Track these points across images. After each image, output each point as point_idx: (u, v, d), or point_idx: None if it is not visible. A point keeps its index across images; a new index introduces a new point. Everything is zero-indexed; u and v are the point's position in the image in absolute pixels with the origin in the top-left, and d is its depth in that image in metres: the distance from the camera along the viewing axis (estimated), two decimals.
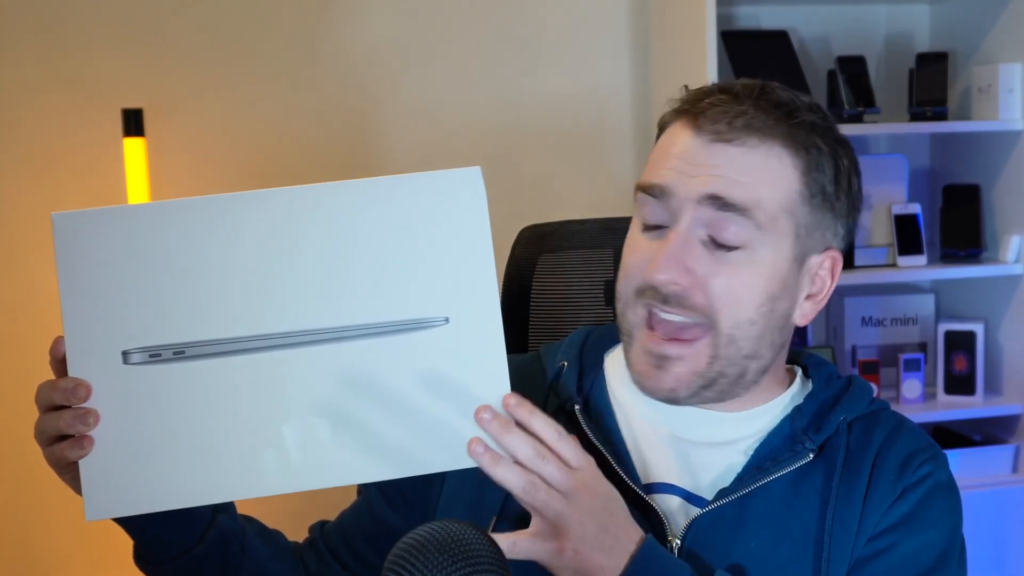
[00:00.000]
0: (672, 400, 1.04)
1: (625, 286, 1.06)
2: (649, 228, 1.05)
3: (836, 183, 1.05)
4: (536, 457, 0.91)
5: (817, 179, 1.03)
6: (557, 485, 0.91)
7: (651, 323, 1.03)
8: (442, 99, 2.50)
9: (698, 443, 1.07)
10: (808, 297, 1.07)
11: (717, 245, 1.01)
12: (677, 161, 1.03)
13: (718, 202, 1.00)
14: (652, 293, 1.02)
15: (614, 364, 1.14)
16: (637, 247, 1.05)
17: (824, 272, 1.07)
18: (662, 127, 1.09)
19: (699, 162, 1.02)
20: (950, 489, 1.07)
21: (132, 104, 2.31)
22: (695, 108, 1.04)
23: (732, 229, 1.00)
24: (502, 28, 2.52)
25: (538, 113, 2.54)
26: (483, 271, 0.96)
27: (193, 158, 2.41)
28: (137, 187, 2.25)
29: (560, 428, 0.93)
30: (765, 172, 1.01)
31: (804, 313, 1.07)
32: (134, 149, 2.26)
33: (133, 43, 2.38)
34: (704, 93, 1.05)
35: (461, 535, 0.84)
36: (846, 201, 1.06)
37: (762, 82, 1.06)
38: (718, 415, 1.07)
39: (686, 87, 1.09)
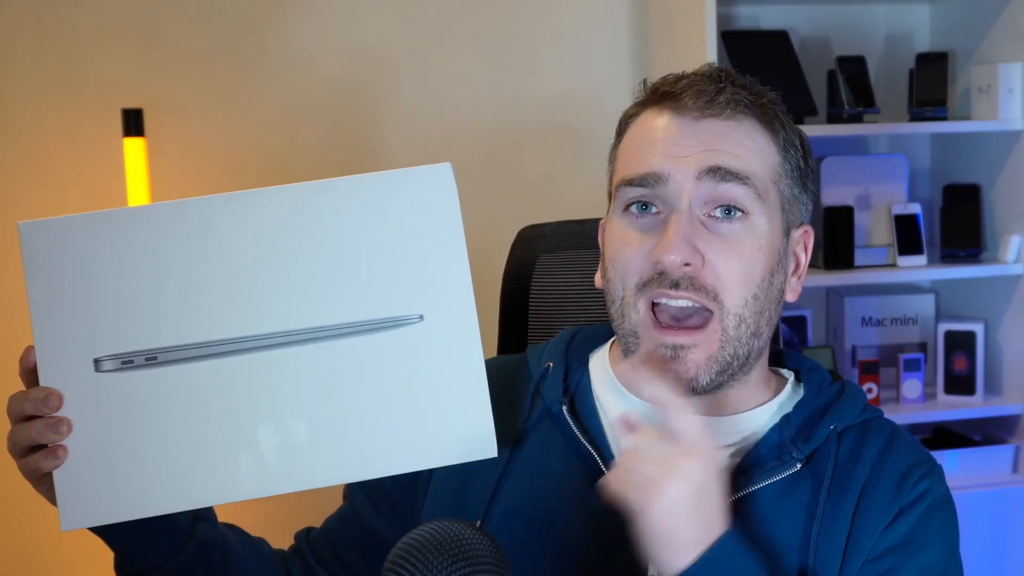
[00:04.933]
0: (692, 391, 1.02)
1: (622, 283, 1.03)
2: (638, 219, 1.03)
3: (805, 161, 1.08)
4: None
5: (792, 155, 1.06)
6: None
7: (657, 318, 1.02)
8: (442, 99, 2.50)
9: None
10: (792, 272, 1.08)
11: (718, 221, 1.01)
12: (664, 145, 1.02)
13: (719, 173, 1.00)
14: (658, 281, 1.00)
15: (598, 365, 1.13)
16: (628, 241, 1.03)
17: (800, 247, 1.09)
18: (627, 121, 1.08)
19: (688, 141, 1.01)
20: (947, 504, 1.05)
21: (132, 104, 2.31)
22: (673, 89, 1.04)
23: (735, 195, 1.01)
24: (502, 28, 2.52)
25: (538, 113, 2.54)
26: (456, 267, 0.95)
27: (193, 158, 2.41)
28: (137, 187, 2.25)
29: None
30: (752, 144, 1.03)
31: (792, 288, 1.08)
32: (134, 149, 2.26)
33: (133, 43, 2.38)
34: (675, 78, 1.06)
35: (461, 535, 0.84)
36: (812, 178, 1.09)
37: (721, 66, 1.08)
38: (704, 419, 1.06)
39: (645, 81, 1.09)
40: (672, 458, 0.90)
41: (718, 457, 0.93)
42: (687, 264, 0.99)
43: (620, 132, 1.09)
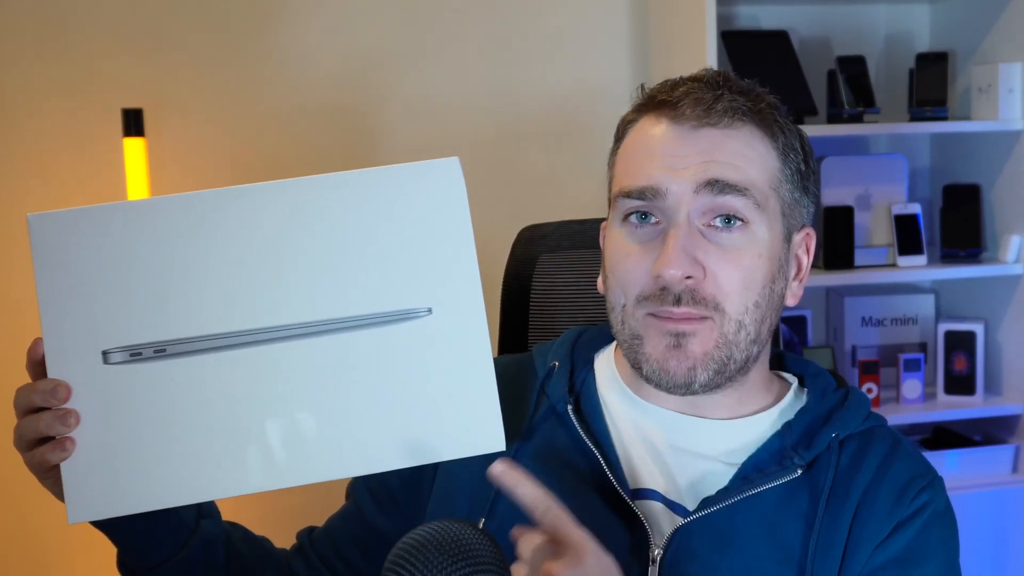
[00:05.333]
0: (689, 384, 1.01)
1: (622, 294, 1.03)
2: (637, 229, 1.03)
3: (806, 163, 1.07)
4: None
5: (793, 159, 1.05)
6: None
7: (657, 316, 1.01)
8: (442, 99, 2.50)
9: (683, 451, 1.05)
10: (794, 276, 1.08)
11: (717, 231, 1.00)
12: (662, 156, 1.01)
13: (717, 186, 0.99)
14: (659, 297, 1.00)
15: (603, 365, 1.13)
16: (629, 252, 1.03)
17: (802, 250, 1.08)
18: (625, 127, 1.08)
19: (685, 152, 1.01)
20: (947, 517, 1.04)
21: (132, 104, 2.31)
22: (671, 97, 1.03)
23: (735, 206, 1.00)
24: (502, 28, 2.52)
25: (538, 113, 2.54)
26: (464, 260, 0.95)
27: (193, 158, 2.41)
28: (137, 187, 2.25)
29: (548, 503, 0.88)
30: (751, 152, 1.02)
31: (793, 292, 1.08)
32: (134, 149, 2.26)
33: (133, 43, 2.38)
34: (673, 85, 1.05)
35: (461, 535, 0.84)
36: (813, 179, 1.08)
37: (720, 70, 1.07)
38: (705, 423, 1.05)
39: (643, 86, 1.08)
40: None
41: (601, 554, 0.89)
42: (688, 277, 0.99)
43: (618, 138, 1.09)
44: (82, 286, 0.94)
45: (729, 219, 1.01)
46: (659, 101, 1.04)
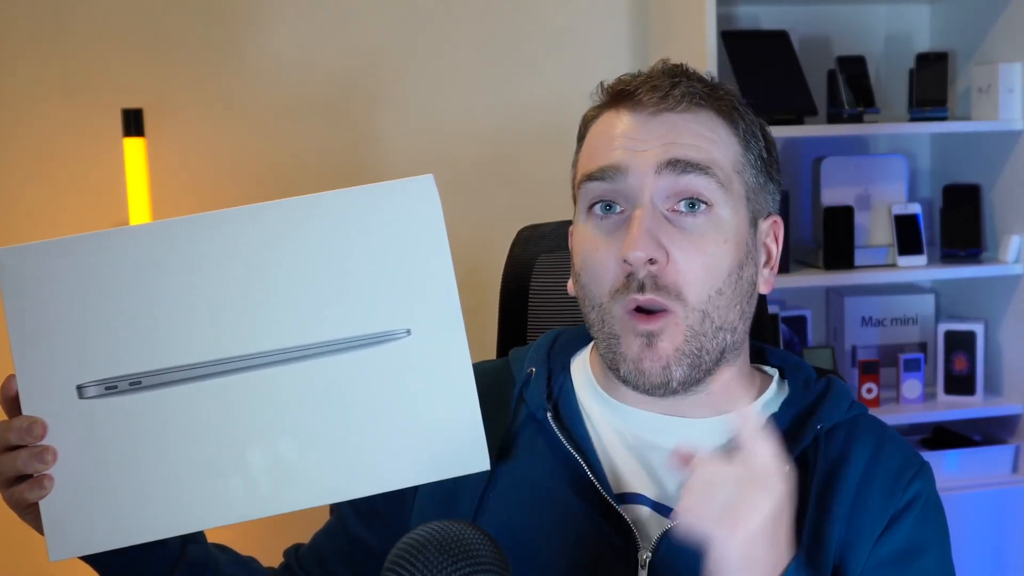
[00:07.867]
0: (666, 383, 1.00)
1: (595, 290, 1.02)
2: (603, 220, 1.02)
3: (768, 152, 1.07)
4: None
5: (755, 145, 1.05)
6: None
7: (633, 311, 1.00)
8: (442, 100, 2.50)
9: (666, 450, 1.02)
10: (764, 264, 1.07)
11: (682, 216, 1.00)
12: (623, 140, 1.01)
13: (679, 165, 0.99)
14: (626, 286, 0.99)
15: (579, 369, 1.12)
16: (597, 244, 1.02)
17: (771, 238, 1.08)
18: (587, 124, 1.08)
19: (645, 136, 1.01)
20: (939, 505, 1.05)
21: (132, 104, 2.31)
22: (629, 88, 1.03)
23: (698, 186, 0.99)
24: (502, 29, 2.52)
25: (538, 114, 2.54)
26: (442, 280, 0.94)
27: (193, 158, 2.41)
28: (137, 187, 2.25)
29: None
30: (712, 135, 1.02)
31: (765, 280, 1.07)
32: (134, 149, 2.26)
33: (133, 43, 2.38)
34: (631, 77, 1.06)
35: (461, 535, 0.84)
36: (777, 168, 1.08)
37: (678, 63, 1.07)
38: (687, 422, 1.05)
39: (602, 83, 1.09)
40: (748, 484, 0.87)
41: (790, 478, 0.90)
42: (652, 262, 0.98)
43: (580, 137, 1.09)
44: (54, 320, 0.92)
45: (693, 203, 1.00)
46: (617, 92, 1.05)
